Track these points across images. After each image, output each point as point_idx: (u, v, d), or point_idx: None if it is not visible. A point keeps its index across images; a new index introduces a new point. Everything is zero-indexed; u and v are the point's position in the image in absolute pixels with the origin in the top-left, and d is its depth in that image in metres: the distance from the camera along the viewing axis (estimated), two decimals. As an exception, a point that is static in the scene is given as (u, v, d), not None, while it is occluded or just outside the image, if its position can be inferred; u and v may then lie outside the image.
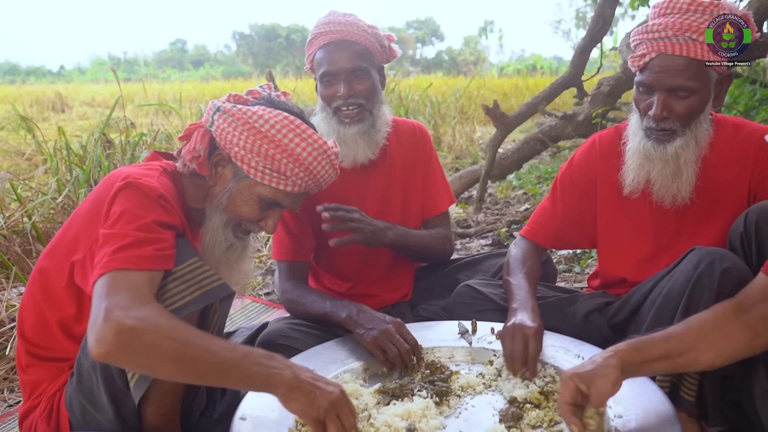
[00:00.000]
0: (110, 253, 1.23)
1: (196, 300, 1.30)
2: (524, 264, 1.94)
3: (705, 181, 1.78)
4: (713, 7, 1.66)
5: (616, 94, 4.16)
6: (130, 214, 1.29)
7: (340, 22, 1.95)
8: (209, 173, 1.53)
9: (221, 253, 1.53)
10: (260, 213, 1.55)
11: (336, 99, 1.94)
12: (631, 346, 1.28)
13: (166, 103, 5.40)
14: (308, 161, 1.52)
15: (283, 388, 1.23)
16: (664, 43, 1.67)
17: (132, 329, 1.13)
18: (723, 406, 1.57)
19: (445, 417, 1.49)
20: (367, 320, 1.74)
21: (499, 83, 15.42)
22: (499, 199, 5.06)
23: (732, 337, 1.28)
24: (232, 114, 1.48)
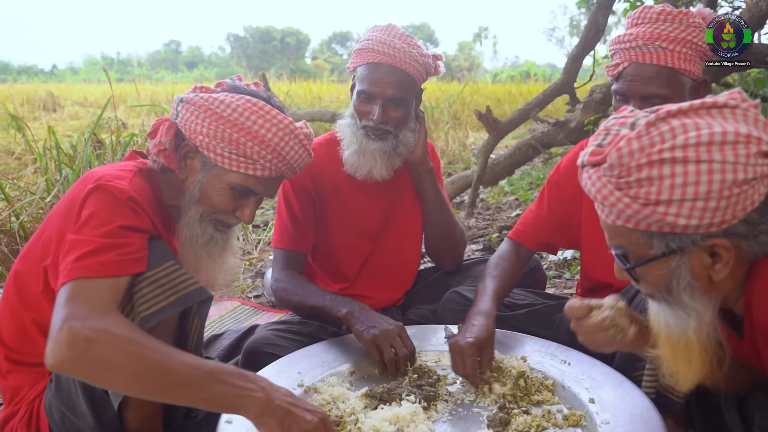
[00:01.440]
0: (72, 261, 1.20)
1: (172, 304, 1.28)
2: (497, 268, 1.95)
3: None
4: (683, 16, 1.69)
5: (608, 101, 4.18)
6: (96, 219, 1.27)
7: (395, 47, 1.91)
8: (178, 166, 1.49)
9: (201, 246, 1.50)
10: (234, 202, 1.51)
11: (368, 119, 1.94)
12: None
13: (159, 104, 5.37)
14: (274, 142, 1.46)
15: (254, 411, 1.17)
16: (636, 53, 1.70)
17: (87, 340, 1.08)
18: (708, 413, 1.57)
19: (433, 422, 1.48)
20: (369, 318, 1.74)
21: (493, 89, 15.48)
22: (490, 205, 5.06)
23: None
24: (194, 103, 1.45)
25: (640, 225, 1.08)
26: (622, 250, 1.16)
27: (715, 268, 1.08)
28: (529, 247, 2.04)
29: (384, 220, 2.14)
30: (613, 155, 1.05)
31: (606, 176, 1.08)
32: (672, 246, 1.08)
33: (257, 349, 1.80)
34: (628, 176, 1.05)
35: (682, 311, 1.12)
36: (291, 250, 2.05)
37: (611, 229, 1.15)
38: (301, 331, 1.93)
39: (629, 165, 1.04)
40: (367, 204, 2.11)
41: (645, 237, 1.09)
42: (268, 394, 1.19)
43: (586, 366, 1.63)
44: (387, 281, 2.20)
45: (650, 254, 1.10)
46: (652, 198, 1.03)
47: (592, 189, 1.11)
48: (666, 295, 1.13)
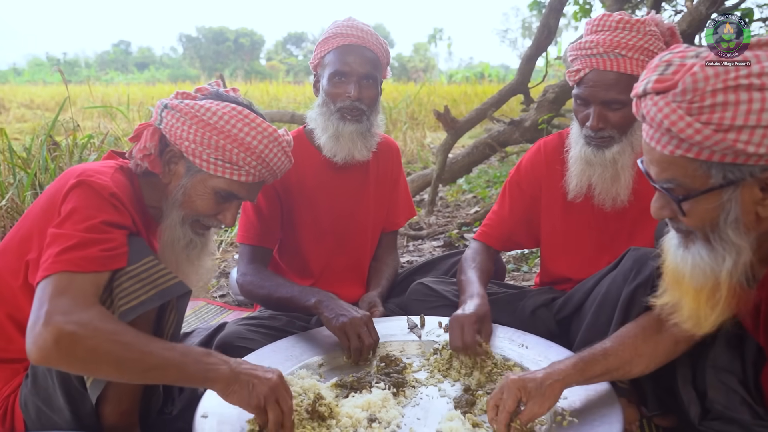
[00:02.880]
0: (55, 255, 1.23)
1: (152, 299, 1.31)
2: (474, 261, 2.04)
3: (641, 186, 1.90)
4: (640, 24, 1.79)
5: (561, 101, 4.35)
6: (79, 214, 1.29)
7: (362, 29, 2.02)
8: (162, 171, 1.53)
9: (181, 249, 1.53)
10: (216, 207, 1.55)
11: (344, 99, 1.99)
12: (575, 369, 1.40)
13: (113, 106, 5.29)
14: (259, 149, 1.52)
15: (222, 382, 1.28)
16: (596, 60, 1.78)
17: (72, 335, 1.14)
18: (659, 392, 1.69)
19: (403, 406, 1.55)
20: (338, 307, 1.79)
21: (449, 90, 15.70)
22: (449, 203, 5.18)
23: (658, 348, 1.43)
24: (179, 109, 1.49)
25: (702, 154, 1.07)
26: (674, 184, 1.13)
27: (765, 203, 1.08)
28: (494, 247, 2.14)
29: (348, 216, 2.20)
30: (687, 80, 1.04)
31: (676, 101, 1.06)
32: (730, 177, 1.07)
33: (230, 342, 1.84)
34: (701, 101, 1.04)
35: (723, 249, 1.12)
36: (257, 246, 2.09)
37: (665, 162, 1.13)
38: (271, 325, 1.97)
39: (704, 90, 1.03)
40: (331, 200, 2.17)
41: (704, 168, 1.08)
42: (231, 365, 1.30)
43: (542, 348, 1.73)
44: (352, 277, 2.26)
45: (708, 185, 1.09)
46: (726, 123, 1.02)
47: (658, 115, 1.08)
48: (710, 231, 1.13)
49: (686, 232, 1.18)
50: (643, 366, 1.43)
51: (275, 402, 1.31)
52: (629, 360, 1.41)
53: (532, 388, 1.35)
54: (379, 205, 2.27)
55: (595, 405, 1.44)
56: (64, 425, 1.36)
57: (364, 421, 1.45)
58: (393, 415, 1.49)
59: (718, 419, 1.36)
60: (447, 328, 1.84)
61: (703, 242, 1.15)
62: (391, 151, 2.29)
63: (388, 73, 2.17)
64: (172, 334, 1.43)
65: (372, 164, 2.20)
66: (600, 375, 1.42)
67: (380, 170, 2.25)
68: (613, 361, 1.41)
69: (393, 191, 2.32)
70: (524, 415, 1.35)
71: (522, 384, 1.36)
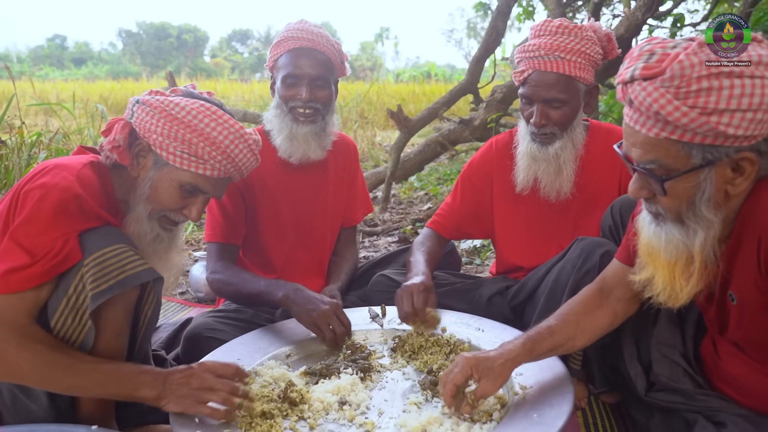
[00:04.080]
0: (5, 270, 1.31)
1: (120, 283, 1.36)
2: (423, 245, 2.17)
3: (583, 179, 2.05)
4: (578, 30, 1.95)
5: (509, 100, 4.53)
6: (30, 226, 1.33)
7: (312, 32, 2.07)
8: (131, 164, 1.56)
9: (148, 244, 1.56)
10: (182, 201, 1.58)
11: (295, 100, 2.06)
12: (524, 348, 1.50)
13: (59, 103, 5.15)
14: (224, 144, 1.55)
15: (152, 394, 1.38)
16: (539, 61, 1.93)
17: None
18: (605, 371, 1.84)
19: (370, 390, 1.64)
20: (305, 300, 1.84)
21: (397, 89, 15.85)
22: (402, 200, 5.29)
23: (599, 322, 1.56)
24: (150, 104, 1.53)
25: (685, 136, 1.16)
26: (656, 165, 1.21)
27: (735, 182, 1.19)
28: (444, 235, 2.26)
29: (307, 212, 2.27)
30: (675, 67, 1.12)
31: (665, 87, 1.14)
32: (708, 157, 1.17)
33: (199, 334, 1.88)
34: (688, 86, 1.12)
35: (695, 224, 1.22)
36: (224, 243, 2.14)
37: (649, 144, 1.21)
38: (237, 317, 2.03)
39: (691, 76, 1.11)
40: (291, 198, 2.23)
41: (686, 149, 1.17)
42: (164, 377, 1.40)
43: (497, 331, 1.85)
44: (313, 270, 2.32)
45: (689, 165, 1.18)
46: (710, 107, 1.11)
47: (647, 99, 1.16)
48: (685, 209, 1.23)
49: (657, 213, 1.29)
50: (586, 339, 1.56)
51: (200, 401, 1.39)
52: (573, 335, 1.54)
53: (485, 367, 1.44)
54: (338, 202, 2.35)
55: (549, 381, 1.56)
56: (41, 413, 1.39)
57: (335, 405, 1.53)
58: (362, 398, 1.57)
59: (663, 390, 1.50)
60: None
61: (673, 222, 1.26)
62: (348, 149, 2.37)
63: (348, 70, 2.24)
64: (149, 318, 1.48)
65: (330, 162, 2.28)
66: (547, 351, 1.53)
67: (338, 168, 2.33)
68: (558, 338, 1.53)
69: (351, 188, 2.40)
70: (477, 392, 1.44)
71: (474, 362, 1.44)
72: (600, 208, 2.04)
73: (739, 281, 1.26)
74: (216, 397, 1.38)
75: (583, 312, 1.56)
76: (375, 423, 1.46)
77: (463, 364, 1.44)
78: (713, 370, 1.46)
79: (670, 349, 1.54)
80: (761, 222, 1.19)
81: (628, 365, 1.62)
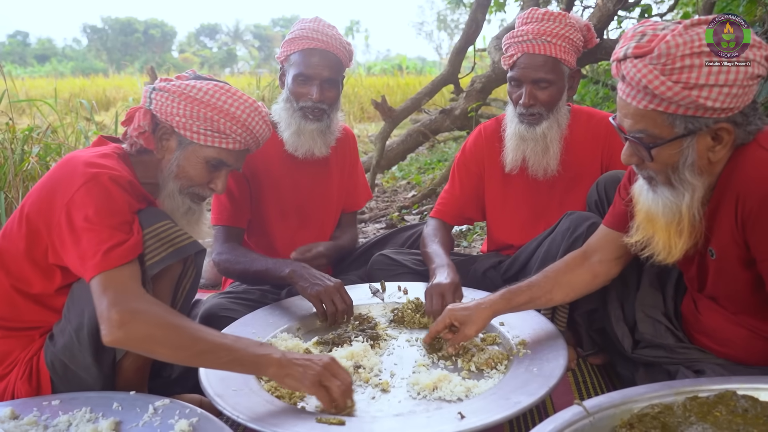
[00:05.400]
0: (100, 254, 1.38)
1: (171, 254, 1.49)
2: (436, 236, 2.28)
3: (567, 159, 2.21)
4: (562, 17, 2.11)
5: (488, 90, 4.68)
6: (107, 210, 1.43)
7: (326, 33, 2.17)
8: (156, 147, 1.67)
9: (181, 216, 1.69)
10: (208, 175, 1.71)
11: (306, 99, 2.16)
12: (503, 298, 1.70)
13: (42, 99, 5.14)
14: (243, 118, 1.67)
15: (275, 366, 1.39)
16: (527, 45, 2.09)
17: (132, 320, 1.32)
18: (592, 334, 1.99)
19: (380, 356, 1.77)
20: (311, 276, 1.97)
21: (372, 82, 15.94)
22: (386, 189, 5.42)
23: (577, 279, 1.72)
24: (168, 90, 1.65)
25: (670, 108, 1.31)
26: (644, 134, 1.36)
27: (714, 150, 1.34)
28: (449, 222, 2.40)
29: (310, 199, 2.38)
30: (662, 47, 1.27)
31: (653, 64, 1.28)
32: (690, 127, 1.32)
33: (214, 314, 1.99)
34: (673, 64, 1.27)
35: (681, 187, 1.38)
36: (230, 226, 2.24)
37: (638, 115, 1.36)
38: (247, 297, 2.14)
39: (675, 54, 1.26)
40: (294, 185, 2.34)
41: (670, 120, 1.33)
42: (283, 353, 1.43)
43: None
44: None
45: (672, 134, 1.33)
46: (692, 82, 1.26)
47: (637, 75, 1.31)
48: (671, 173, 1.38)
49: (650, 177, 1.45)
50: (563, 294, 1.72)
51: (332, 376, 1.40)
52: (550, 289, 1.70)
53: (463, 315, 1.66)
54: (339, 188, 2.47)
55: (543, 340, 1.71)
56: (89, 380, 1.49)
57: (351, 369, 1.65)
58: (374, 362, 1.70)
59: (648, 347, 1.66)
60: (406, 290, 2.11)
61: (664, 185, 1.41)
62: (348, 139, 2.49)
63: (353, 65, 2.37)
64: (188, 289, 1.60)
65: (332, 151, 2.39)
66: (525, 303, 1.70)
67: (339, 157, 2.44)
68: (536, 291, 1.70)
69: (352, 175, 2.52)
70: (456, 337, 1.65)
71: (453, 312, 1.67)
72: (583, 185, 2.20)
73: (719, 237, 1.43)
74: (334, 386, 1.39)
75: (564, 269, 1.72)
76: (389, 383, 1.60)
77: (444, 314, 1.69)
78: (693, 324, 1.62)
79: (653, 309, 1.70)
80: (739, 182, 1.35)
81: (615, 327, 1.78)
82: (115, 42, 62.49)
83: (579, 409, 1.24)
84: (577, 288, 1.72)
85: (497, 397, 1.43)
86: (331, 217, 2.46)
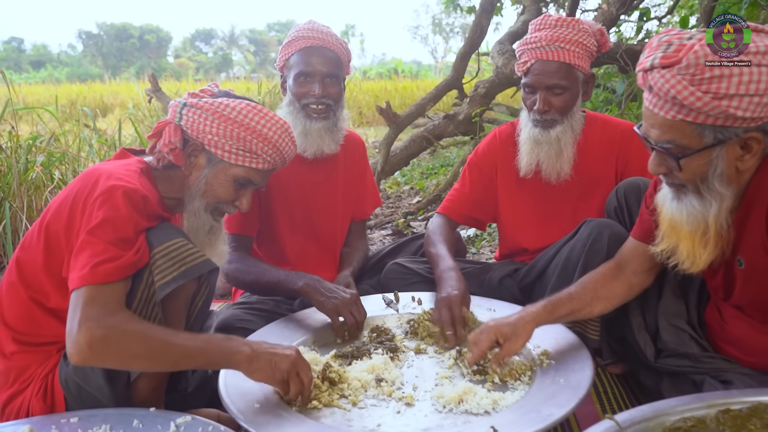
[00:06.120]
0: (88, 267, 1.35)
1: (183, 274, 1.46)
2: (441, 234, 2.27)
3: (582, 165, 2.19)
4: (575, 23, 2.10)
5: (491, 95, 4.67)
6: (110, 224, 1.40)
7: (322, 31, 2.17)
8: (184, 163, 1.66)
9: (204, 234, 1.67)
10: (235, 193, 1.70)
11: (308, 97, 2.15)
12: (545, 310, 1.67)
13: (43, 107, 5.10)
14: (274, 139, 1.68)
15: (245, 362, 1.44)
16: (541, 52, 2.08)
17: (103, 338, 1.30)
18: (611, 343, 1.97)
19: (400, 368, 1.75)
20: (327, 289, 1.95)
21: (369, 86, 15.96)
22: (390, 194, 5.40)
23: (615, 292, 1.70)
24: (200, 107, 1.63)
25: (699, 118, 1.29)
26: (672, 144, 1.34)
27: (744, 159, 1.33)
28: (455, 220, 2.38)
29: (319, 206, 2.36)
30: (690, 56, 1.26)
31: (681, 74, 1.27)
32: (719, 137, 1.30)
33: (230, 325, 1.97)
34: (702, 74, 1.25)
35: (710, 197, 1.36)
36: (239, 234, 2.22)
37: (666, 125, 1.34)
38: (261, 308, 2.11)
39: (704, 64, 1.25)
40: (303, 192, 2.32)
41: (699, 130, 1.31)
42: (252, 347, 1.46)
43: (507, 311, 1.94)
44: (325, 263, 2.41)
45: (702, 144, 1.32)
46: (722, 92, 1.25)
47: (665, 85, 1.29)
48: (700, 183, 1.36)
49: (679, 185, 1.43)
50: (602, 307, 1.70)
51: (296, 375, 1.48)
52: (590, 302, 1.68)
53: (507, 331, 1.61)
54: (348, 196, 2.45)
55: (566, 351, 1.69)
56: (104, 400, 1.46)
57: (372, 382, 1.63)
58: (395, 375, 1.68)
59: (671, 356, 1.64)
60: (420, 301, 2.09)
61: (693, 193, 1.39)
62: (357, 145, 2.47)
63: (351, 70, 2.34)
64: (201, 306, 1.57)
65: (340, 158, 2.37)
66: (566, 315, 1.68)
67: (348, 163, 2.43)
68: (576, 303, 1.68)
69: (360, 183, 2.50)
70: (501, 352, 1.61)
71: (497, 328, 1.62)
72: (598, 193, 2.19)
73: (748, 247, 1.41)
74: (294, 385, 1.47)
75: (601, 281, 1.70)
76: (413, 396, 1.57)
77: (488, 331, 1.62)
78: (718, 333, 1.60)
79: (676, 318, 1.68)
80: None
81: (637, 335, 1.76)
82: (110, 47, 62.46)
83: (611, 424, 1.22)
84: (615, 300, 1.70)
85: (527, 410, 1.41)
86: (340, 224, 2.44)
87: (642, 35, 6.17)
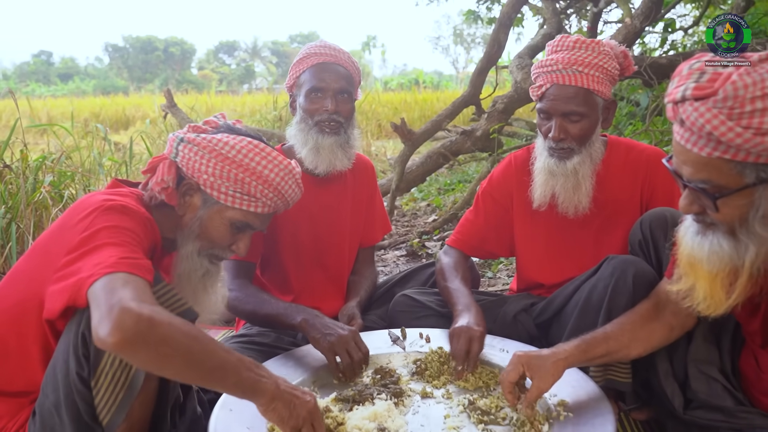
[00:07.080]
0: (110, 261, 1.20)
1: None
2: (457, 270, 2.13)
3: (602, 195, 2.05)
4: (595, 45, 1.94)
5: (510, 111, 4.55)
6: (117, 228, 1.29)
7: (334, 48, 2.11)
8: (178, 203, 1.55)
9: (198, 279, 1.56)
10: (231, 237, 1.59)
11: (321, 113, 2.06)
12: (578, 350, 1.53)
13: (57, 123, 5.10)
14: (276, 182, 1.57)
15: (267, 396, 1.29)
16: (557, 76, 1.93)
17: (150, 318, 1.11)
18: (635, 387, 1.82)
19: (404, 415, 1.62)
20: (324, 325, 1.83)
21: (388, 98, 15.91)
22: (406, 212, 5.29)
23: (655, 334, 1.56)
24: (197, 143, 1.53)
25: (738, 155, 1.15)
26: (708, 184, 1.21)
27: None
28: (468, 254, 2.25)
29: (326, 232, 2.25)
30: (728, 88, 1.12)
31: (717, 107, 1.13)
32: (762, 176, 1.17)
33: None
34: (742, 107, 1.12)
35: (747, 239, 1.22)
36: (240, 260, 2.11)
37: (700, 163, 1.20)
38: (261, 341, 2.02)
39: (744, 97, 1.11)
40: (310, 217, 2.21)
41: (738, 168, 1.17)
42: (275, 381, 1.32)
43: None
44: (332, 291, 2.30)
45: (742, 183, 1.18)
46: (765, 127, 1.11)
47: (699, 120, 1.15)
48: (738, 225, 1.22)
49: (708, 224, 1.28)
50: (641, 349, 1.56)
51: (311, 425, 1.34)
52: (627, 344, 1.54)
53: (537, 365, 1.48)
54: (356, 221, 2.34)
55: (585, 400, 1.55)
56: None
57: (375, 431, 1.51)
58: (399, 423, 1.55)
59: (702, 408, 1.50)
60: (429, 338, 1.95)
61: (724, 234, 1.25)
62: (366, 169, 2.37)
63: (359, 94, 2.24)
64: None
65: (349, 181, 2.27)
66: (601, 356, 1.53)
67: (356, 187, 2.32)
68: (613, 344, 1.54)
69: (369, 207, 2.39)
70: (531, 393, 1.47)
71: (527, 360, 1.49)
72: (621, 224, 2.05)
73: None
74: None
75: (639, 322, 1.56)
76: (417, 450, 1.45)
77: (515, 362, 1.50)
78: (755, 384, 1.46)
79: (708, 365, 1.54)
80: None
81: (664, 382, 1.61)
82: (135, 60, 63.57)
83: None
84: (654, 342, 1.57)
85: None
86: (347, 251, 2.32)
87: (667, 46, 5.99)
